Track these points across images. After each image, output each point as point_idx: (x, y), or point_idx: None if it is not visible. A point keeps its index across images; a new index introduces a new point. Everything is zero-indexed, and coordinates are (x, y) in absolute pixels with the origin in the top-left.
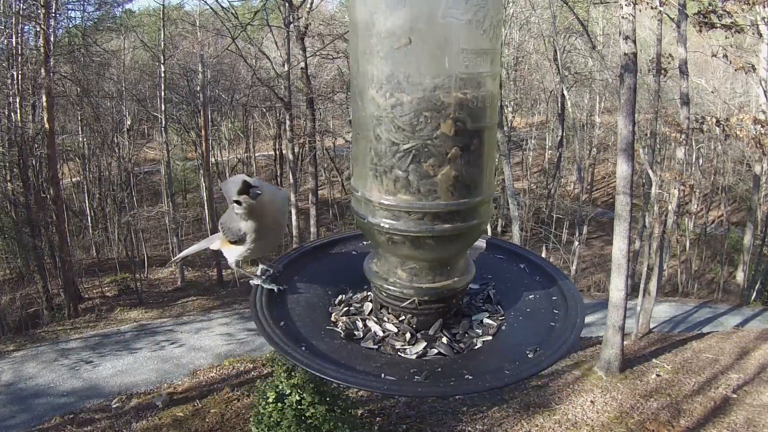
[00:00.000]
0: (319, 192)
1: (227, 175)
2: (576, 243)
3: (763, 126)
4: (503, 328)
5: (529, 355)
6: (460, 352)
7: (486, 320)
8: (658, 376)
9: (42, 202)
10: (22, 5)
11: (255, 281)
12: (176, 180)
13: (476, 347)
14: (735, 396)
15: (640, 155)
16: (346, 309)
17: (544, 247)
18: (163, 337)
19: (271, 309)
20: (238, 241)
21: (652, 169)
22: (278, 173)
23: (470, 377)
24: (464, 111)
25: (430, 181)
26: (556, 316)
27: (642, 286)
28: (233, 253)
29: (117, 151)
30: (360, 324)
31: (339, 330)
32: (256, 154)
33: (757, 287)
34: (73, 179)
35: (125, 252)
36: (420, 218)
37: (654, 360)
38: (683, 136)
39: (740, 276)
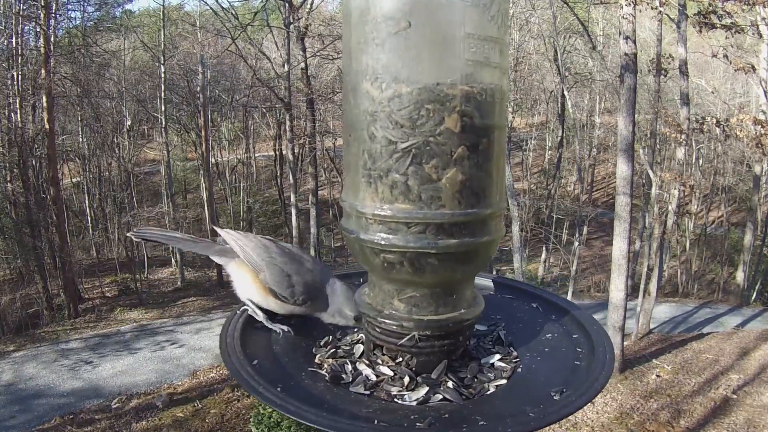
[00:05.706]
0: (319, 192)
1: (227, 175)
2: (576, 243)
3: (763, 126)
4: (519, 370)
5: (555, 397)
6: (469, 398)
7: (498, 363)
8: (658, 376)
9: (42, 203)
10: (22, 6)
11: (259, 318)
12: (176, 180)
13: (489, 392)
14: (735, 396)
15: (640, 156)
16: (333, 351)
17: (544, 248)
18: (164, 338)
19: (244, 346)
20: (285, 300)
21: (652, 169)
22: (278, 174)
23: (484, 423)
24: (471, 104)
25: (432, 186)
26: (579, 354)
27: (642, 286)
28: (257, 295)
29: (117, 151)
30: (349, 367)
31: (323, 372)
32: (256, 155)
33: (757, 287)
34: (73, 179)
35: (125, 252)
36: (421, 231)
37: (654, 360)
38: (683, 136)
39: (740, 276)
